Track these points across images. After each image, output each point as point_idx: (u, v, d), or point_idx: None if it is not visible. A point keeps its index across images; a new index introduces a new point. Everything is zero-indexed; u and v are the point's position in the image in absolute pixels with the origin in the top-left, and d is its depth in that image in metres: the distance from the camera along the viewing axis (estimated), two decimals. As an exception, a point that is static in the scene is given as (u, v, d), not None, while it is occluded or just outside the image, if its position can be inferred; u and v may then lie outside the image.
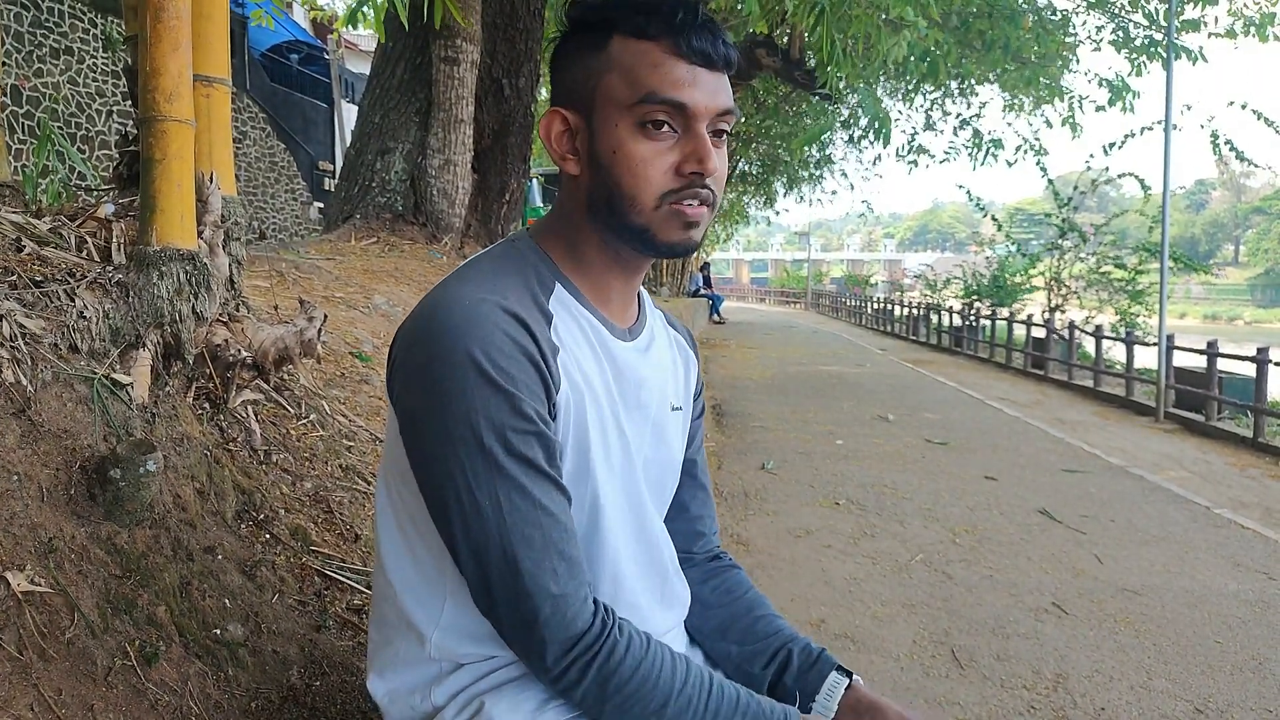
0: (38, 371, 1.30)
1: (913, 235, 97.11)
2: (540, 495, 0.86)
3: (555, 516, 0.87)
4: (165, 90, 1.53)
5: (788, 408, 8.42)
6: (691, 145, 0.91)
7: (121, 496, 1.26)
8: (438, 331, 0.86)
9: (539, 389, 0.87)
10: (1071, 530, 4.53)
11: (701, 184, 0.91)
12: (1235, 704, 2.70)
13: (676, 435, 1.10)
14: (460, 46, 5.86)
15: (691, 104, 0.90)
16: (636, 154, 0.90)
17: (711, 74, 0.91)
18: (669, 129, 0.90)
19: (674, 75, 0.89)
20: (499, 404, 0.84)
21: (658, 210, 0.91)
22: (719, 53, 0.91)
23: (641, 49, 0.90)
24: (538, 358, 0.87)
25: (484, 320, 0.86)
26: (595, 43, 0.92)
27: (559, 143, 0.95)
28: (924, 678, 2.79)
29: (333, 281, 4.07)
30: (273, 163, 16.73)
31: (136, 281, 1.52)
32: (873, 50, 5.72)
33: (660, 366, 1.06)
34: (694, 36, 0.89)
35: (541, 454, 0.87)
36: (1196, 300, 60.27)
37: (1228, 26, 9.49)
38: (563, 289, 0.97)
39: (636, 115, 0.90)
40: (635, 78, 0.90)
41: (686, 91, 0.89)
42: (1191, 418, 8.55)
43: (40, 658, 1.03)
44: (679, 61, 0.89)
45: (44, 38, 10.44)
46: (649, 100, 0.89)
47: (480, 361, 0.84)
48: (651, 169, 0.90)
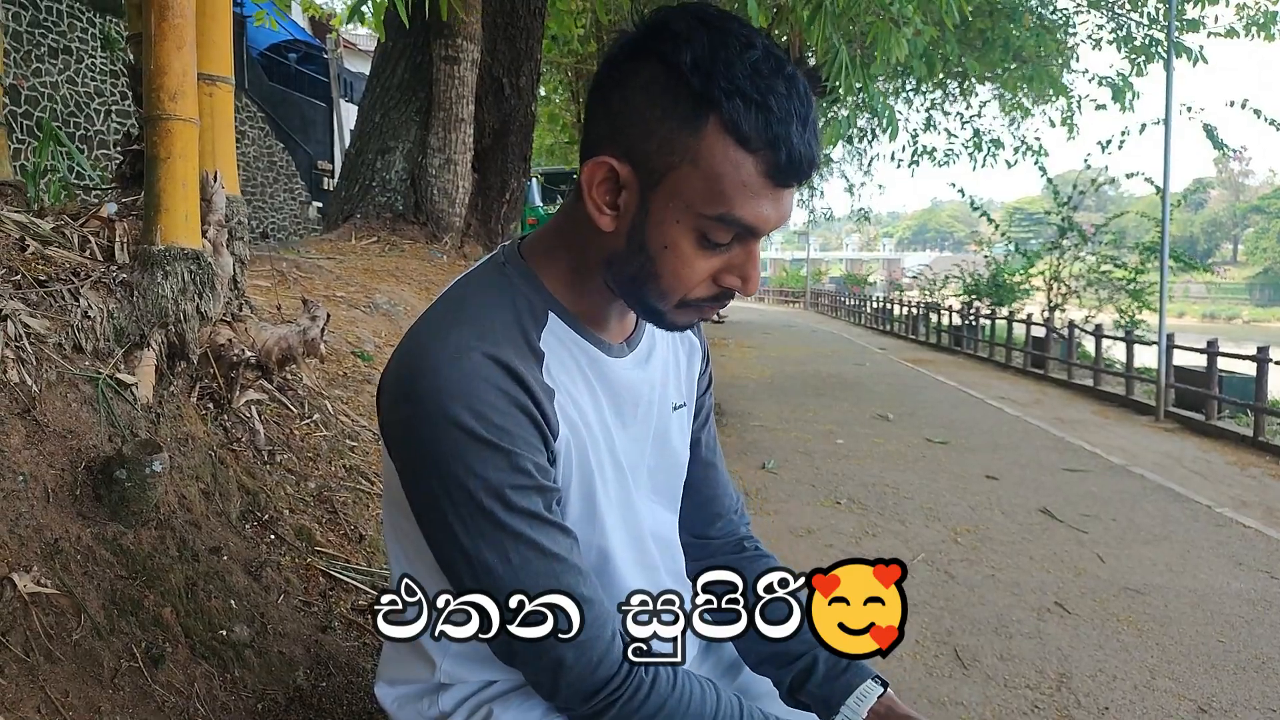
0: (42, 371, 1.29)
1: (911, 235, 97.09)
2: (548, 543, 0.84)
3: (566, 560, 0.85)
4: (170, 89, 1.52)
5: (788, 407, 8.42)
6: (741, 259, 0.84)
7: (127, 497, 1.25)
8: (424, 392, 0.82)
9: (536, 440, 0.84)
10: (1073, 529, 4.53)
11: (728, 299, 0.87)
12: (1239, 703, 2.70)
13: (681, 434, 1.09)
14: (460, 45, 5.85)
15: (765, 228, 0.81)
16: (687, 260, 0.83)
17: (794, 190, 0.82)
18: (729, 243, 0.83)
19: (760, 200, 0.79)
20: (495, 463, 0.81)
21: (679, 309, 0.87)
22: (810, 167, 0.80)
23: (737, 159, 0.78)
24: (531, 408, 0.84)
25: (472, 376, 0.81)
26: (687, 116, 0.78)
27: (599, 192, 0.84)
28: (927, 677, 2.79)
29: (334, 281, 4.06)
30: (271, 162, 16.71)
31: (141, 281, 1.51)
32: (873, 49, 5.70)
33: (660, 372, 1.04)
34: (796, 150, 0.78)
35: (542, 504, 0.85)
36: (1195, 299, 60.29)
37: (1228, 26, 9.48)
38: (555, 318, 0.91)
39: (703, 226, 0.81)
40: (719, 191, 0.79)
41: (767, 215, 0.81)
42: (1192, 417, 8.55)
43: (47, 659, 1.03)
44: (768, 181, 0.79)
45: (42, 37, 10.42)
46: (724, 220, 0.80)
47: (469, 424, 0.80)
48: (696, 276, 0.84)
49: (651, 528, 1.02)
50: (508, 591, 0.82)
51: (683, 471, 1.11)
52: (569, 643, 0.83)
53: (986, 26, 9.18)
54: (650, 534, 1.02)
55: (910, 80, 11.81)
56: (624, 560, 0.97)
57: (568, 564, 0.85)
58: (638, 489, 1.01)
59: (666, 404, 1.05)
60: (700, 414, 1.15)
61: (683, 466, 1.10)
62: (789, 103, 0.77)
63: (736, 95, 0.76)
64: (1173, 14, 8.75)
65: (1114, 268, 13.92)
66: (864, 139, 14.79)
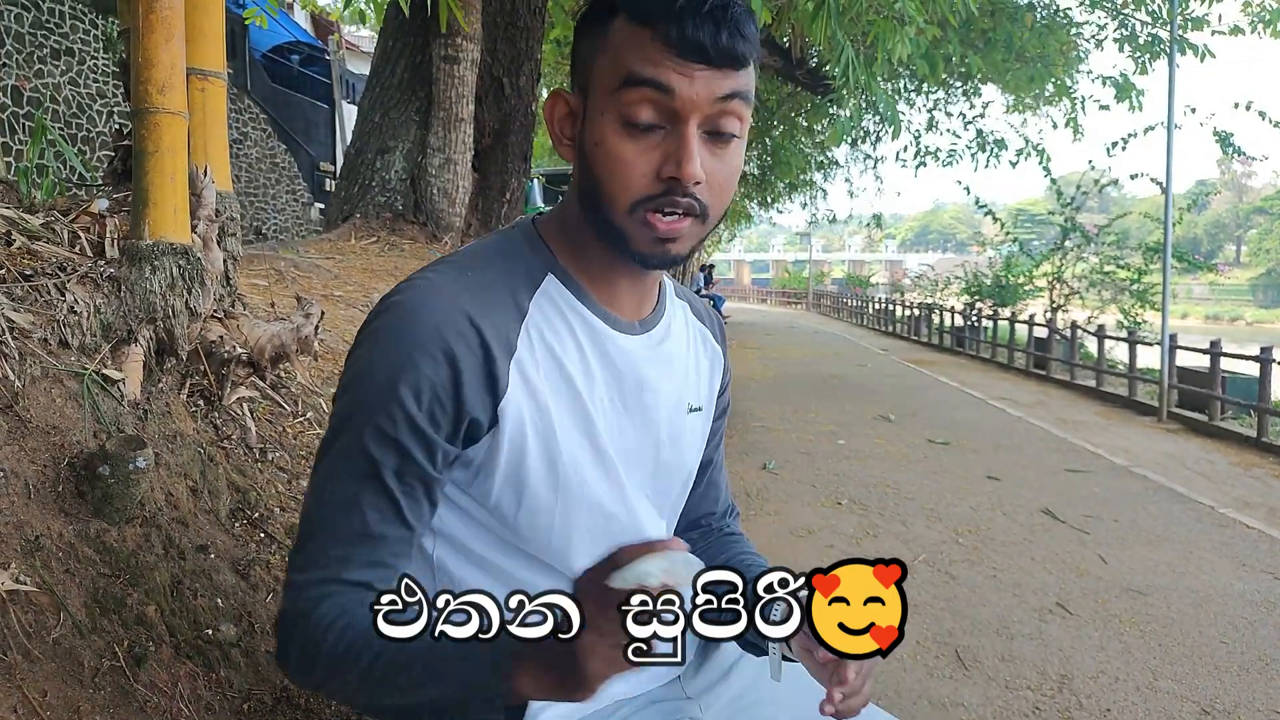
0: (26, 366, 1.28)
1: (914, 236, 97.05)
2: (362, 494, 0.82)
3: (386, 543, 0.83)
4: (158, 82, 1.51)
5: (789, 407, 8.39)
6: (673, 146, 0.80)
7: (110, 494, 1.24)
8: (383, 313, 0.85)
9: (447, 416, 0.83)
10: (1075, 530, 4.50)
11: (681, 192, 0.81)
12: (1242, 704, 2.67)
13: (693, 438, 1.04)
14: (460, 45, 5.84)
15: (678, 90, 0.79)
16: (615, 151, 0.81)
17: (709, 69, 0.79)
18: (655, 125, 0.81)
19: (663, 67, 0.79)
20: (391, 422, 0.81)
21: (631, 216, 0.83)
22: (720, 45, 0.78)
23: (635, 34, 0.80)
24: (454, 389, 0.82)
25: (426, 323, 0.82)
26: (599, 22, 0.84)
27: (560, 127, 0.88)
28: (928, 678, 2.77)
29: (332, 280, 4.05)
30: (274, 163, 16.72)
31: (128, 276, 1.50)
32: (875, 48, 5.68)
33: (672, 364, 0.99)
34: (689, 23, 0.78)
35: (394, 463, 0.82)
36: (1199, 300, 60.17)
37: (1232, 25, 9.43)
38: (555, 280, 0.91)
39: (620, 105, 0.80)
40: (622, 62, 0.80)
41: (674, 79, 0.79)
42: (1195, 417, 8.52)
43: (25, 658, 1.01)
44: (669, 51, 0.79)
45: (44, 38, 10.43)
46: (629, 83, 0.80)
47: (398, 372, 0.81)
48: (630, 170, 0.81)
49: (632, 522, 0.96)
50: (317, 533, 0.82)
51: (685, 478, 1.06)
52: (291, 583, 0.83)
53: (989, 26, 9.15)
54: (630, 529, 0.96)
55: (913, 80, 11.77)
56: (584, 543, 0.93)
57: (387, 547, 0.83)
58: (630, 477, 0.96)
59: (683, 403, 1.01)
60: (712, 438, 1.12)
61: (686, 471, 1.05)
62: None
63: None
64: (1175, 11, 8.72)
65: (1117, 268, 13.89)
66: (866, 139, 14.75)
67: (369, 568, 0.83)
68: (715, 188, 0.84)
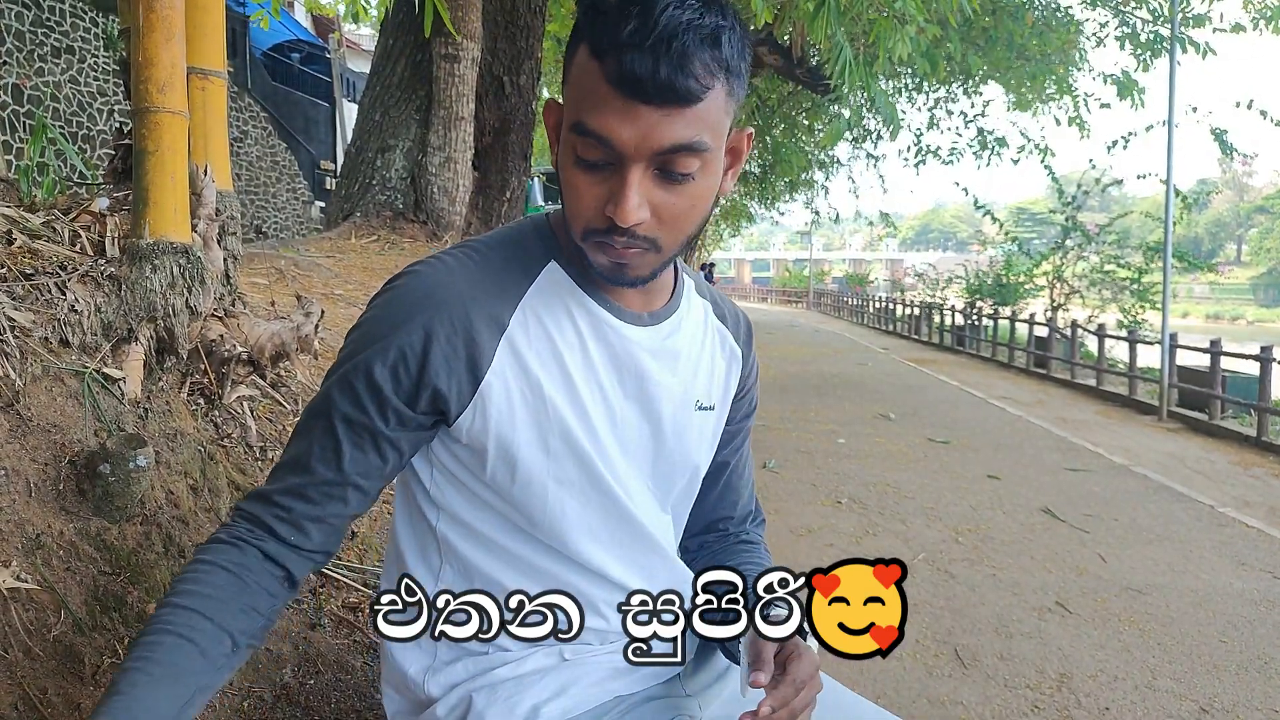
0: (26, 365, 1.28)
1: (915, 235, 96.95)
2: (312, 429, 0.88)
3: (341, 493, 0.88)
4: (158, 81, 1.51)
5: (789, 406, 8.40)
6: (616, 186, 0.79)
7: (111, 492, 1.24)
8: (390, 287, 0.92)
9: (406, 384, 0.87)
10: (1075, 529, 4.50)
11: (619, 231, 0.80)
12: (1241, 704, 2.67)
13: (701, 435, 1.03)
14: (461, 44, 5.84)
15: (615, 140, 0.77)
16: (570, 181, 0.83)
17: (651, 109, 0.75)
18: (603, 162, 0.80)
19: (607, 110, 0.76)
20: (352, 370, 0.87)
21: (585, 241, 0.85)
22: (659, 81, 0.74)
23: (589, 69, 0.78)
24: (422, 359, 0.86)
25: (426, 296, 0.88)
26: (574, 44, 0.82)
27: (554, 135, 0.88)
28: (927, 677, 2.77)
29: (332, 279, 4.05)
30: (274, 162, 16.72)
31: (129, 275, 1.50)
32: (876, 46, 5.67)
33: (679, 359, 0.99)
34: (629, 55, 0.74)
35: (346, 409, 0.87)
36: (1199, 300, 60.12)
37: (1234, 22, 9.41)
38: (558, 267, 0.93)
39: (572, 140, 0.81)
40: (576, 100, 0.80)
41: (614, 126, 0.76)
42: (1195, 416, 8.52)
43: (26, 655, 1.01)
44: (612, 92, 0.76)
45: (45, 36, 10.43)
46: (575, 130, 0.80)
47: (365, 348, 0.87)
48: (581, 202, 0.82)
49: (628, 505, 0.96)
50: (288, 465, 0.89)
51: (690, 473, 1.04)
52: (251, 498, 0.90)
53: (990, 24, 9.14)
54: (625, 513, 0.96)
55: (914, 79, 11.76)
56: (578, 519, 0.94)
57: (313, 476, 0.87)
58: (629, 461, 0.96)
59: (690, 399, 1.00)
60: (729, 443, 1.12)
61: (692, 468, 1.04)
62: (642, 14, 0.74)
63: (593, 8, 0.78)
64: (1176, 9, 8.71)
65: (1118, 268, 13.88)
66: (868, 138, 14.73)
67: (292, 495, 0.87)
68: (668, 220, 0.82)
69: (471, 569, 0.95)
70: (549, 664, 0.95)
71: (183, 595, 0.80)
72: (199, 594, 0.80)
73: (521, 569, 0.94)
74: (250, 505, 0.88)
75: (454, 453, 0.93)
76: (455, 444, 0.92)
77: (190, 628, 0.78)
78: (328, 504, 0.88)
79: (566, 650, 0.96)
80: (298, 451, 0.89)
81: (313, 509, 0.87)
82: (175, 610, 0.79)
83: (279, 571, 0.86)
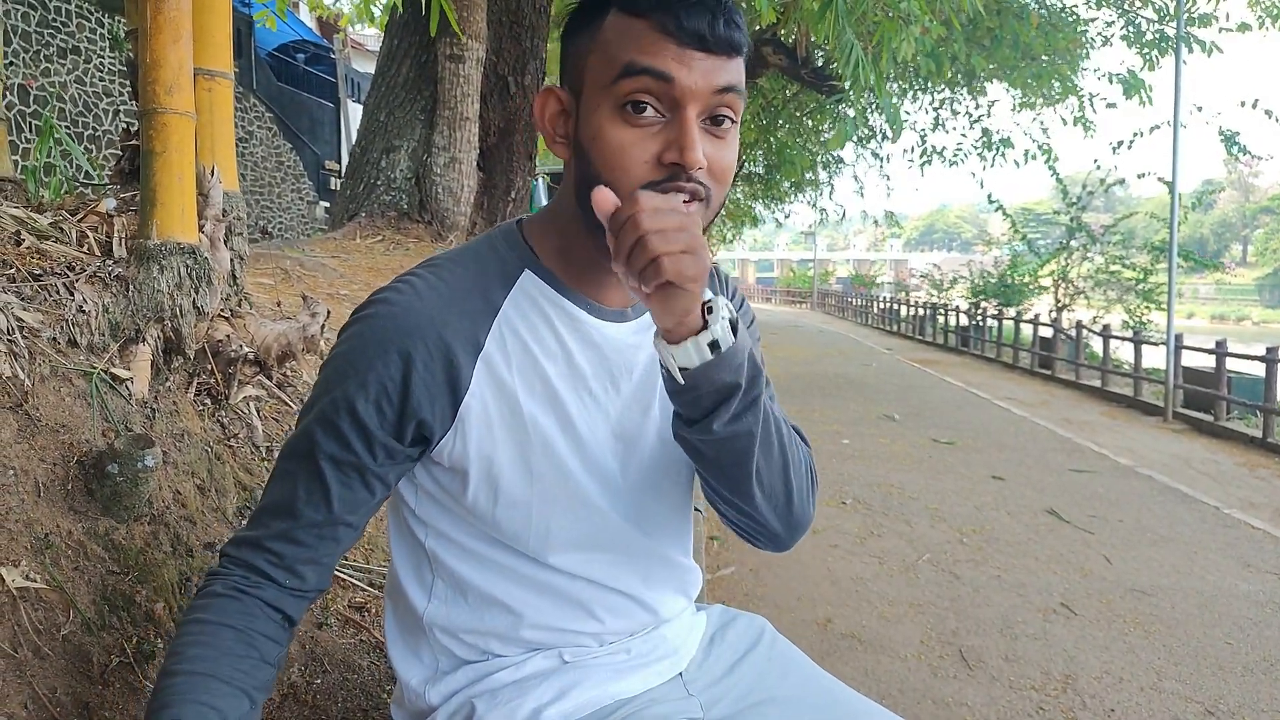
0: (35, 365, 1.29)
1: (919, 235, 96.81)
2: (298, 471, 0.87)
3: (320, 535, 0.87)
4: (165, 82, 1.51)
5: (793, 407, 8.39)
6: (675, 131, 0.80)
7: (119, 492, 1.24)
8: (356, 320, 0.90)
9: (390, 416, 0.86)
10: (1080, 530, 4.50)
11: (685, 176, 0.81)
12: (1246, 705, 2.67)
13: None
14: (465, 44, 5.84)
15: (678, 78, 0.79)
16: (614, 140, 0.81)
17: (707, 56, 0.80)
18: (654, 112, 0.81)
19: (661, 54, 0.79)
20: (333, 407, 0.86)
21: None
22: (717, 33, 0.80)
23: (630, 25, 0.81)
24: (403, 388, 0.85)
25: (389, 327, 0.86)
26: (591, 19, 0.85)
27: (552, 124, 0.88)
28: (931, 678, 2.77)
29: (337, 279, 4.05)
30: (279, 162, 16.75)
31: (136, 275, 1.50)
32: (881, 47, 5.66)
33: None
34: (685, 13, 0.79)
35: (332, 448, 0.86)
36: (1205, 300, 59.98)
37: (1240, 21, 9.38)
38: (532, 275, 0.91)
39: (616, 94, 0.81)
40: (615, 55, 0.81)
41: (674, 66, 0.80)
42: (1200, 417, 8.50)
43: (35, 655, 1.02)
44: (667, 41, 0.79)
45: (51, 37, 10.46)
46: (628, 72, 0.80)
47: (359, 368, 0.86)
48: (629, 158, 0.81)
49: (616, 518, 0.95)
50: (262, 499, 0.90)
51: (688, 470, 1.02)
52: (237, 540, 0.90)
53: (995, 25, 9.12)
54: (613, 526, 0.95)
55: (918, 79, 11.74)
56: (563, 535, 0.93)
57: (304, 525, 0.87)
58: (627, 461, 0.95)
59: None
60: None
61: (689, 465, 1.01)
62: None
63: None
64: (1181, 8, 8.69)
65: (1123, 268, 13.86)
66: (873, 139, 14.70)
67: (282, 539, 0.87)
68: (716, 173, 0.84)
69: (463, 582, 0.95)
70: (549, 667, 0.96)
71: (195, 661, 0.80)
72: (210, 658, 0.81)
73: (513, 579, 0.94)
74: (241, 552, 0.87)
75: (435, 476, 0.92)
76: (436, 467, 0.92)
77: (209, 692, 0.78)
78: (320, 545, 0.88)
79: (566, 653, 0.96)
80: (281, 495, 0.88)
81: (305, 552, 0.87)
82: (191, 679, 0.79)
83: (279, 616, 0.87)
